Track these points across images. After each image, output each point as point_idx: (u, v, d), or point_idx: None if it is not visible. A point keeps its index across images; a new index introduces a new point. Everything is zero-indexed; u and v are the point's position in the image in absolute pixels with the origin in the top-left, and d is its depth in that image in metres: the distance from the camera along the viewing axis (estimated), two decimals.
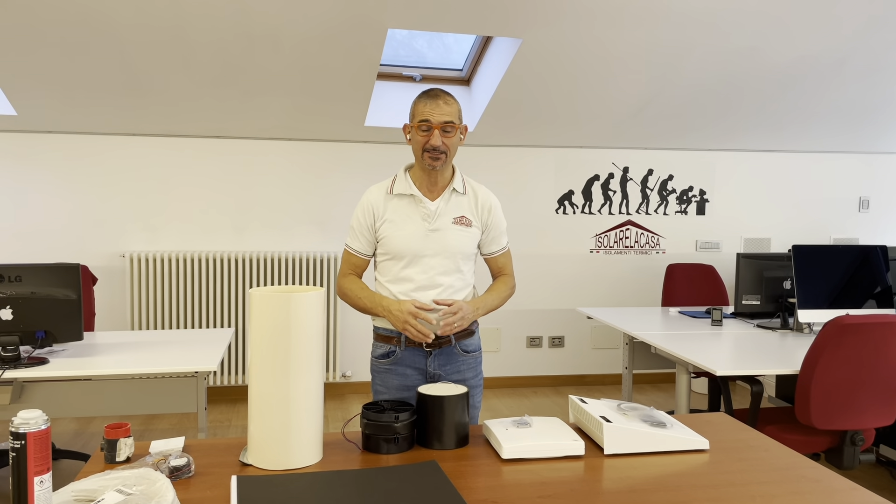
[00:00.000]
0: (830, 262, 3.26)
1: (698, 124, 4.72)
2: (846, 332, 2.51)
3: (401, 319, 1.96)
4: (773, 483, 1.40)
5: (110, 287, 4.44)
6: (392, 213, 2.07)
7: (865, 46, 3.90)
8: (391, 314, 1.99)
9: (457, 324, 1.99)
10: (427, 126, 2.00)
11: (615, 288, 5.10)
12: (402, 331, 1.98)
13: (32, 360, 2.61)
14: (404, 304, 1.97)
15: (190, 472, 1.40)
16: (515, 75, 3.98)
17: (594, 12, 3.44)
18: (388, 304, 2.01)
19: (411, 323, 1.95)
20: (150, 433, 3.98)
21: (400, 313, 1.97)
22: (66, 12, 3.25)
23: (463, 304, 2.01)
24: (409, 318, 1.95)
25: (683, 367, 2.96)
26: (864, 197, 5.41)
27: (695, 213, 5.17)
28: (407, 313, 1.95)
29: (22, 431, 1.19)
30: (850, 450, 2.70)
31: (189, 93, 3.97)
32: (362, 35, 3.52)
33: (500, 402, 4.63)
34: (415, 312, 1.95)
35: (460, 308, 1.99)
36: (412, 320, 1.95)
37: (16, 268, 2.61)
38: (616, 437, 1.53)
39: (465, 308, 2.00)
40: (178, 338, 3.10)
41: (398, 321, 1.97)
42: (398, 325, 1.98)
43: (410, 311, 1.95)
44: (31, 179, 4.33)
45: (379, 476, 1.38)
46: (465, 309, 2.00)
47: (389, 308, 2.00)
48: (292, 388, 1.44)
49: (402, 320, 1.96)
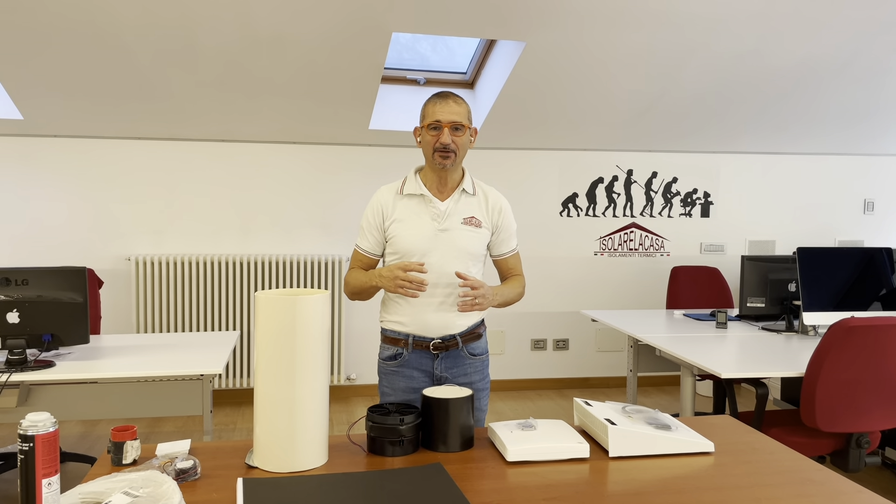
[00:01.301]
0: (835, 264, 3.26)
1: (702, 127, 4.71)
2: (851, 334, 2.51)
3: (390, 278, 1.96)
4: (778, 486, 1.40)
5: (116, 290, 4.46)
6: (401, 212, 2.08)
7: (868, 49, 3.90)
8: (382, 278, 2.00)
9: (478, 299, 1.97)
10: (437, 125, 2.01)
11: (619, 290, 5.10)
12: (396, 289, 1.96)
13: (39, 364, 2.62)
14: (392, 265, 1.99)
15: (196, 474, 1.41)
16: (519, 78, 3.99)
17: (597, 15, 3.45)
18: (378, 271, 2.03)
19: (401, 276, 1.94)
20: (156, 436, 3.99)
21: (389, 272, 1.97)
22: (71, 17, 3.26)
23: (485, 283, 2.01)
24: (398, 272, 1.94)
25: (688, 369, 2.96)
26: (868, 199, 5.40)
27: (699, 215, 5.16)
28: (395, 269, 1.96)
29: (30, 434, 1.20)
30: (855, 452, 2.70)
31: (194, 97, 3.99)
32: (366, 39, 3.53)
33: (504, 405, 4.63)
34: (403, 266, 1.96)
35: (482, 285, 1.98)
36: (402, 274, 1.94)
37: (22, 271, 2.62)
38: (621, 439, 1.53)
39: (485, 288, 1.99)
40: (184, 341, 3.11)
41: (389, 281, 1.97)
42: (391, 286, 1.98)
43: (399, 266, 1.96)
44: (38, 183, 4.35)
45: (384, 478, 1.39)
46: (486, 288, 1.99)
47: (381, 273, 2.01)
48: (298, 390, 1.45)
49: (393, 277, 1.96)
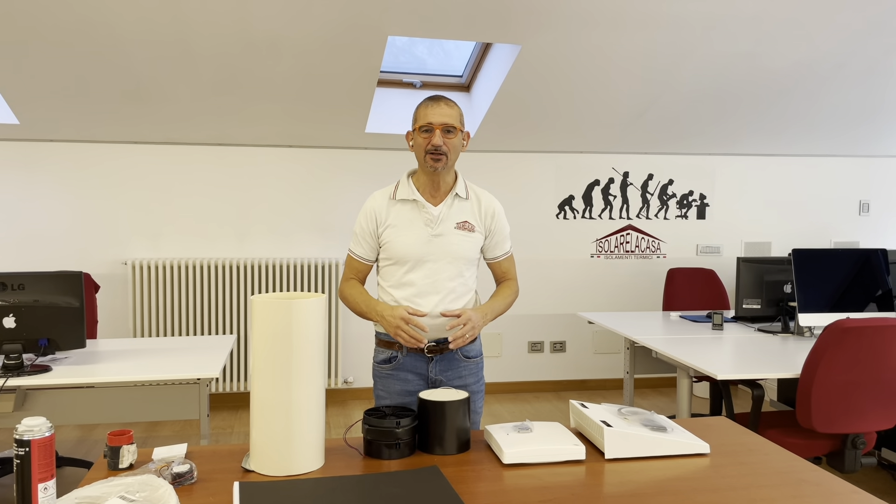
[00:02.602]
0: (831, 265, 3.27)
1: (698, 129, 4.73)
2: (847, 335, 2.51)
3: (392, 325, 1.98)
4: (774, 487, 1.40)
5: (112, 295, 4.45)
6: (395, 217, 2.08)
7: (864, 50, 3.92)
8: (384, 319, 2.00)
9: (468, 335, 1.99)
10: (429, 127, 2.01)
11: (616, 293, 5.11)
12: (395, 336, 1.98)
13: (35, 368, 2.61)
14: (397, 310, 1.98)
15: (192, 478, 1.41)
16: (515, 81, 4.00)
17: (592, 18, 3.46)
18: (381, 309, 2.02)
19: (403, 328, 1.96)
20: (152, 440, 3.99)
21: (392, 318, 1.98)
22: (67, 22, 3.26)
23: (471, 313, 2.01)
24: (400, 323, 1.96)
25: (684, 371, 2.97)
26: (864, 200, 5.41)
27: (695, 217, 5.17)
28: (399, 318, 1.96)
29: (26, 439, 1.20)
30: (851, 453, 2.70)
31: (190, 101, 3.99)
32: (363, 42, 3.54)
33: (502, 408, 4.63)
34: (406, 318, 1.96)
35: (469, 318, 1.99)
36: (404, 325, 1.96)
37: (19, 276, 2.62)
38: (617, 441, 1.53)
39: (473, 318, 2.00)
40: (180, 345, 3.11)
41: (390, 326, 1.98)
42: (391, 331, 1.99)
43: (402, 317, 1.96)
44: (34, 188, 4.34)
45: (380, 481, 1.39)
46: (473, 318, 2.00)
47: (383, 314, 2.01)
48: (294, 394, 1.45)
49: (395, 325, 1.97)
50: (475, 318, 2.01)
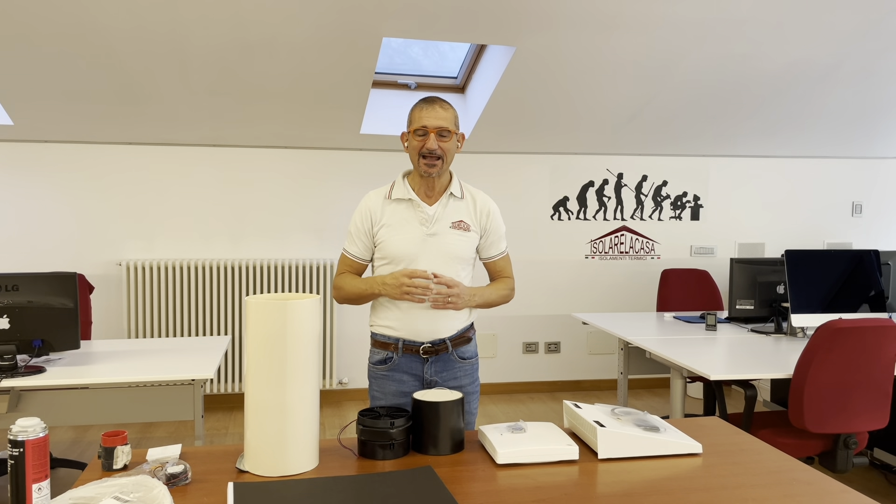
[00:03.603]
0: (823, 266, 3.28)
1: (692, 130, 4.75)
2: (839, 335, 2.53)
3: (396, 286, 1.99)
4: (766, 486, 1.41)
5: (107, 296, 4.44)
6: (390, 217, 2.09)
7: (857, 52, 3.94)
8: (387, 286, 2.02)
9: (450, 298, 2.01)
10: (423, 131, 2.02)
11: (610, 293, 5.12)
12: (402, 296, 1.99)
13: (29, 369, 2.61)
14: (396, 273, 2.01)
15: (187, 479, 1.41)
16: (510, 83, 4.01)
17: (587, 20, 3.47)
18: (381, 278, 2.05)
19: (407, 283, 1.97)
20: (147, 441, 3.98)
21: (394, 280, 2.00)
22: (61, 22, 3.26)
23: (462, 285, 2.04)
24: (404, 280, 1.98)
25: (678, 371, 2.98)
26: (857, 202, 5.44)
27: (689, 218, 5.19)
28: (401, 276, 1.99)
29: (20, 439, 1.20)
30: (843, 453, 2.72)
31: (185, 102, 3.99)
32: (357, 43, 3.55)
33: (496, 408, 4.64)
34: (409, 273, 1.99)
35: (457, 285, 2.02)
36: (407, 280, 1.97)
37: (13, 277, 2.62)
38: (610, 441, 1.54)
39: (462, 288, 2.03)
40: (175, 346, 3.11)
41: (395, 289, 2.00)
42: (396, 294, 2.00)
43: (404, 274, 1.99)
44: (28, 189, 4.33)
45: (375, 482, 1.39)
46: (461, 287, 2.03)
47: (384, 281, 2.03)
48: (288, 395, 1.45)
49: (399, 285, 1.98)
50: (463, 290, 2.04)
